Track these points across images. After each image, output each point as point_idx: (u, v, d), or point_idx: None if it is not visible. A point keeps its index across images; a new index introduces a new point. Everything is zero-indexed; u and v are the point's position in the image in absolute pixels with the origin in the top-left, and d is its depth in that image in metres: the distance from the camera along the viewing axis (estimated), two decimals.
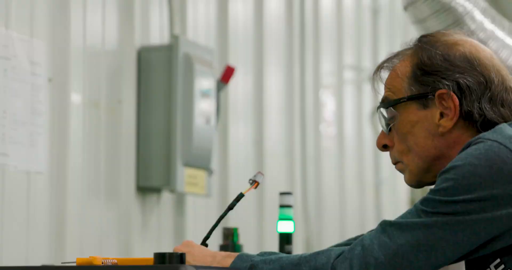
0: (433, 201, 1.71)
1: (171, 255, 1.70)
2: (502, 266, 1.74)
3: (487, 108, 1.81)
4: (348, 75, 5.23)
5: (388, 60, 1.93)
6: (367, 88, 5.44)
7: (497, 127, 1.78)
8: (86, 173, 2.89)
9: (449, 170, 1.72)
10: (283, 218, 2.41)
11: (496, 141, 1.71)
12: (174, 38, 3.19)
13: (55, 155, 2.76)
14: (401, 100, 1.87)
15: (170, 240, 3.34)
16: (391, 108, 1.89)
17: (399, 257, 1.71)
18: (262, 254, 1.85)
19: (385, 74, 1.93)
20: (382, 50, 5.67)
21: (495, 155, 1.69)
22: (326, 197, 4.77)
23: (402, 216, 1.75)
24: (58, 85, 2.78)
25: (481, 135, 1.76)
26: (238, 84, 3.87)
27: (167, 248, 3.28)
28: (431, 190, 1.74)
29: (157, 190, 3.25)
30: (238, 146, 3.87)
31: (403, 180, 1.94)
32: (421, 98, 1.85)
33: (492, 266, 1.75)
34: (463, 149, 1.76)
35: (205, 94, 3.22)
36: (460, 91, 1.82)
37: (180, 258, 1.70)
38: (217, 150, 3.63)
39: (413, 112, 1.87)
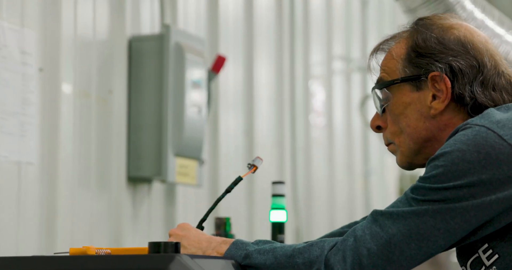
0: (423, 189, 1.71)
1: (166, 244, 1.69)
2: (490, 251, 1.75)
3: (478, 92, 1.82)
4: (337, 65, 5.23)
5: (384, 42, 1.95)
6: (356, 78, 5.45)
7: (485, 112, 1.79)
8: (77, 164, 2.88)
9: (438, 157, 1.72)
10: (275, 207, 2.41)
11: (483, 126, 1.71)
12: (165, 27, 3.16)
13: (46, 145, 2.74)
14: (395, 82, 1.88)
15: (161, 230, 3.33)
16: (385, 89, 1.90)
17: (391, 247, 1.70)
18: (257, 242, 1.84)
19: (381, 56, 1.94)
20: (371, 41, 5.68)
21: (483, 140, 1.69)
22: (315, 187, 4.78)
23: (393, 205, 1.75)
24: (49, 75, 2.76)
25: (469, 120, 1.76)
26: (229, 75, 3.86)
27: (157, 238, 3.27)
28: (421, 178, 1.74)
29: (148, 180, 3.24)
30: (229, 136, 3.87)
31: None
32: (415, 80, 1.86)
33: (480, 251, 1.76)
34: (452, 135, 1.76)
35: (196, 84, 3.21)
36: (453, 74, 1.83)
37: (175, 247, 1.69)
38: (208, 141, 3.62)
39: (406, 94, 1.88)
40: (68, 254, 1.81)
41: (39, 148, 2.72)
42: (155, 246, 1.70)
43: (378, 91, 1.92)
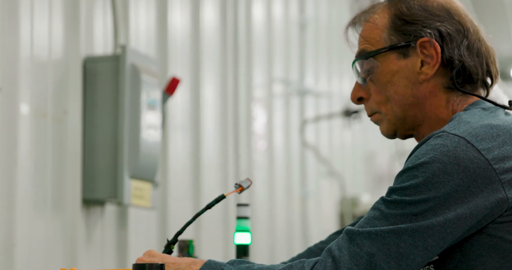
0: (402, 202, 1.72)
1: (151, 266, 1.68)
2: (436, 257, 1.78)
3: (466, 55, 1.89)
4: (277, 88, 5.28)
5: (361, 14, 1.98)
6: (295, 101, 5.51)
7: (459, 118, 1.81)
8: (34, 185, 2.82)
9: (417, 167, 1.72)
10: (240, 229, 2.40)
11: (464, 138, 1.74)
12: (121, 48, 3.13)
13: (5, 166, 2.68)
14: (382, 50, 1.91)
15: (113, 253, 3.29)
16: (372, 58, 1.92)
17: (371, 267, 1.70)
18: (232, 262, 1.82)
19: (354, 31, 1.98)
20: (309, 63, 5.75)
21: (463, 154, 1.72)
22: (257, 209, 4.79)
23: (368, 223, 1.74)
24: (7, 95, 2.71)
25: (445, 128, 1.78)
26: (177, 96, 3.85)
27: (111, 262, 3.23)
28: (397, 189, 1.73)
29: (101, 203, 3.19)
30: (177, 158, 3.85)
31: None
32: (403, 47, 1.90)
33: None
34: (425, 141, 1.77)
35: (151, 106, 3.18)
36: (441, 38, 1.89)
37: (160, 268, 1.69)
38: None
39: (393, 62, 1.92)
40: None
41: None
42: (140, 268, 1.69)
43: (359, 63, 1.95)
